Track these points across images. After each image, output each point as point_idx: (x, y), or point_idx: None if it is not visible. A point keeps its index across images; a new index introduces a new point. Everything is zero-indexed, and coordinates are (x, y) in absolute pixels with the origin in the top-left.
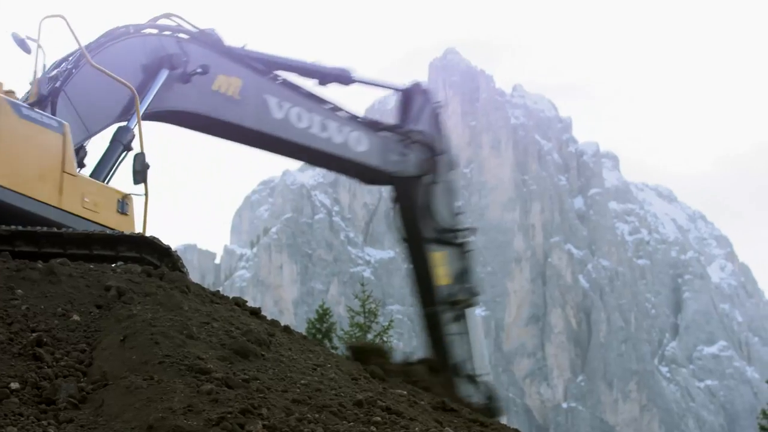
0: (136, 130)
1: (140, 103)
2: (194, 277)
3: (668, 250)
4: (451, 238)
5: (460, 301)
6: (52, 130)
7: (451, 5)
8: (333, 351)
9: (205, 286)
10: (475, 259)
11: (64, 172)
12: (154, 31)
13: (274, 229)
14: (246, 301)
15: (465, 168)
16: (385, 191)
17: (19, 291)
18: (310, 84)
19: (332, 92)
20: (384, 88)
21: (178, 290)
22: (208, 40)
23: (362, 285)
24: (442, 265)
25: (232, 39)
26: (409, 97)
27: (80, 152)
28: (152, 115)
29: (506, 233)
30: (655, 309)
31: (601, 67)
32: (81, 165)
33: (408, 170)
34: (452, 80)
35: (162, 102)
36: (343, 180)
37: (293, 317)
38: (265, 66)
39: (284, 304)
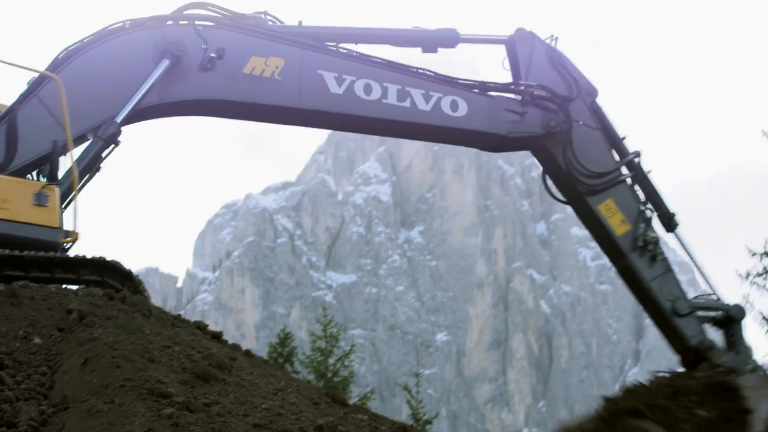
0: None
1: (134, 96)
2: (156, 300)
3: None
4: (613, 178)
5: (648, 241)
6: None
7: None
8: (294, 375)
9: (167, 309)
10: (651, 182)
11: None
12: (166, 21)
13: (236, 253)
14: (207, 325)
15: (427, 193)
16: (348, 215)
17: None
18: (411, 54)
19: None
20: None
21: (140, 314)
22: (239, 23)
23: (324, 309)
24: (614, 213)
25: (289, 20)
26: (512, 48)
27: (53, 156)
28: (162, 108)
29: (468, 258)
30: (616, 335)
31: None
32: (53, 176)
33: (528, 129)
34: None
35: (172, 93)
36: (306, 204)
37: (255, 341)
38: (334, 40)
39: (246, 328)
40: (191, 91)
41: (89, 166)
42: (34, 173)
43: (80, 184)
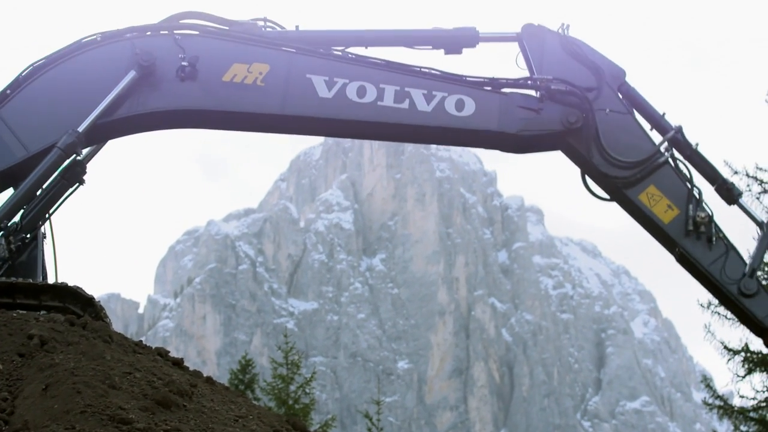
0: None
1: (97, 108)
2: (117, 326)
3: (592, 304)
4: (651, 163)
5: (699, 222)
6: None
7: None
8: (255, 402)
9: (128, 335)
10: (701, 154)
11: None
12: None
13: (197, 279)
14: (169, 352)
15: (389, 221)
16: (310, 243)
17: None
18: (418, 55)
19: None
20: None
21: (101, 340)
22: (224, 31)
23: (285, 336)
24: (658, 200)
25: (287, 25)
26: (523, 43)
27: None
28: (134, 121)
29: (430, 286)
30: (578, 363)
31: None
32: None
33: (544, 126)
34: None
35: (145, 105)
36: (268, 231)
37: (216, 368)
38: (340, 44)
39: (207, 354)
40: (165, 102)
41: (44, 176)
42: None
43: (43, 196)
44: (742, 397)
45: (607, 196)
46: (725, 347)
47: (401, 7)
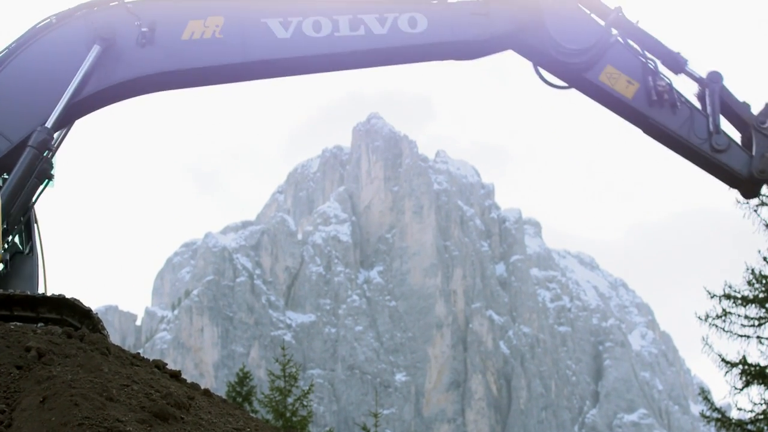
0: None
1: (66, 92)
2: (115, 338)
3: (589, 317)
4: (603, 44)
5: (661, 91)
6: None
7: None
8: (253, 415)
9: (126, 347)
10: (642, 30)
11: None
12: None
13: (195, 292)
14: (166, 364)
15: (387, 233)
16: (307, 255)
17: None
18: None
19: None
20: None
21: (99, 352)
22: None
23: (283, 349)
24: (617, 78)
25: None
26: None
27: None
28: (104, 94)
29: (427, 299)
30: (575, 376)
31: (523, 134)
32: None
33: (498, 28)
34: (375, 145)
35: (112, 77)
36: (265, 243)
37: (213, 380)
38: None
39: (205, 367)
40: (132, 70)
41: (23, 177)
42: None
43: (20, 199)
44: (739, 409)
45: (565, 84)
46: (723, 360)
47: None
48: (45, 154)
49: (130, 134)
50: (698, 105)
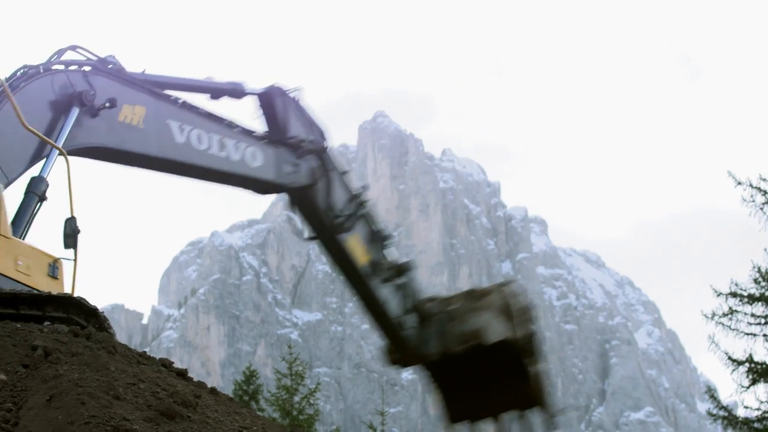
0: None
1: (52, 151)
2: (121, 337)
3: (596, 315)
4: (357, 214)
5: (385, 264)
6: None
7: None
8: (259, 413)
9: (132, 346)
10: (379, 218)
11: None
12: (61, 66)
13: (201, 290)
14: (173, 362)
15: (393, 231)
16: (314, 253)
17: None
18: (204, 101)
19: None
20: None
21: (105, 351)
22: (111, 69)
23: (289, 347)
24: (359, 246)
25: (133, 65)
26: (269, 101)
27: None
28: (73, 153)
29: None
30: (582, 374)
31: (528, 132)
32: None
33: (301, 180)
34: (381, 143)
35: (73, 140)
36: (272, 242)
37: (220, 379)
38: (163, 89)
39: (211, 365)
40: (88, 138)
41: (29, 222)
42: None
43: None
44: (746, 407)
45: (313, 235)
46: (729, 358)
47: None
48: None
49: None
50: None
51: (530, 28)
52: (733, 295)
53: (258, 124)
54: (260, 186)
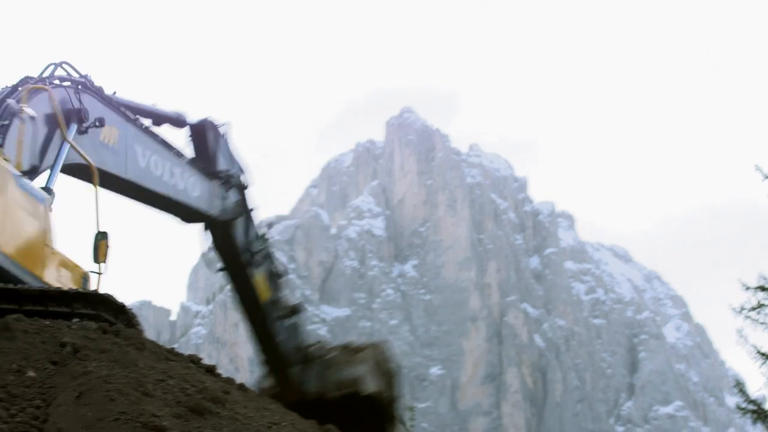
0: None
1: (57, 159)
2: (149, 333)
3: (624, 309)
4: (262, 254)
5: (281, 306)
6: (39, 202)
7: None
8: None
9: (161, 343)
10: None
11: (45, 245)
12: (56, 81)
13: (230, 287)
14: (201, 359)
15: (420, 227)
16: (341, 249)
17: None
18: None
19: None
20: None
21: (134, 347)
22: (93, 88)
23: (318, 343)
24: (264, 281)
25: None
26: (200, 133)
27: None
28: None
29: (462, 292)
30: (611, 368)
31: (555, 126)
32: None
33: (227, 214)
34: (408, 139)
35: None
36: (299, 237)
37: (249, 375)
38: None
39: (240, 361)
40: (76, 154)
41: None
42: None
43: None
44: None
45: (224, 267)
46: (758, 352)
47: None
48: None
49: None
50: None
51: (555, 21)
52: (762, 288)
53: (188, 153)
54: (192, 215)
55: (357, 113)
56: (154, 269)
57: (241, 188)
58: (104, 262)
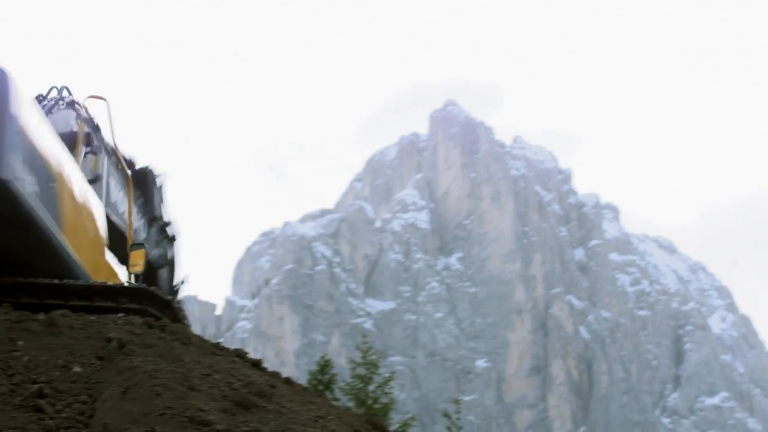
0: None
1: None
2: (195, 328)
3: (669, 301)
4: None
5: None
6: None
7: (449, 55)
8: (334, 403)
9: (206, 337)
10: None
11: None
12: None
13: (275, 281)
14: (247, 353)
15: (465, 220)
16: (386, 242)
17: (21, 342)
18: None
19: None
20: None
21: (179, 342)
22: (89, 115)
23: (363, 336)
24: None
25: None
26: (143, 180)
27: None
28: None
29: (507, 285)
30: (656, 360)
31: (598, 118)
32: None
33: (161, 261)
34: (452, 132)
35: None
36: (344, 231)
37: (294, 369)
38: None
39: (285, 355)
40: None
41: None
42: None
43: None
44: None
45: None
46: None
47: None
48: None
49: (205, 126)
50: None
51: (598, 12)
52: None
53: None
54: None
55: (399, 107)
56: (200, 264)
57: (173, 239)
58: (139, 272)
